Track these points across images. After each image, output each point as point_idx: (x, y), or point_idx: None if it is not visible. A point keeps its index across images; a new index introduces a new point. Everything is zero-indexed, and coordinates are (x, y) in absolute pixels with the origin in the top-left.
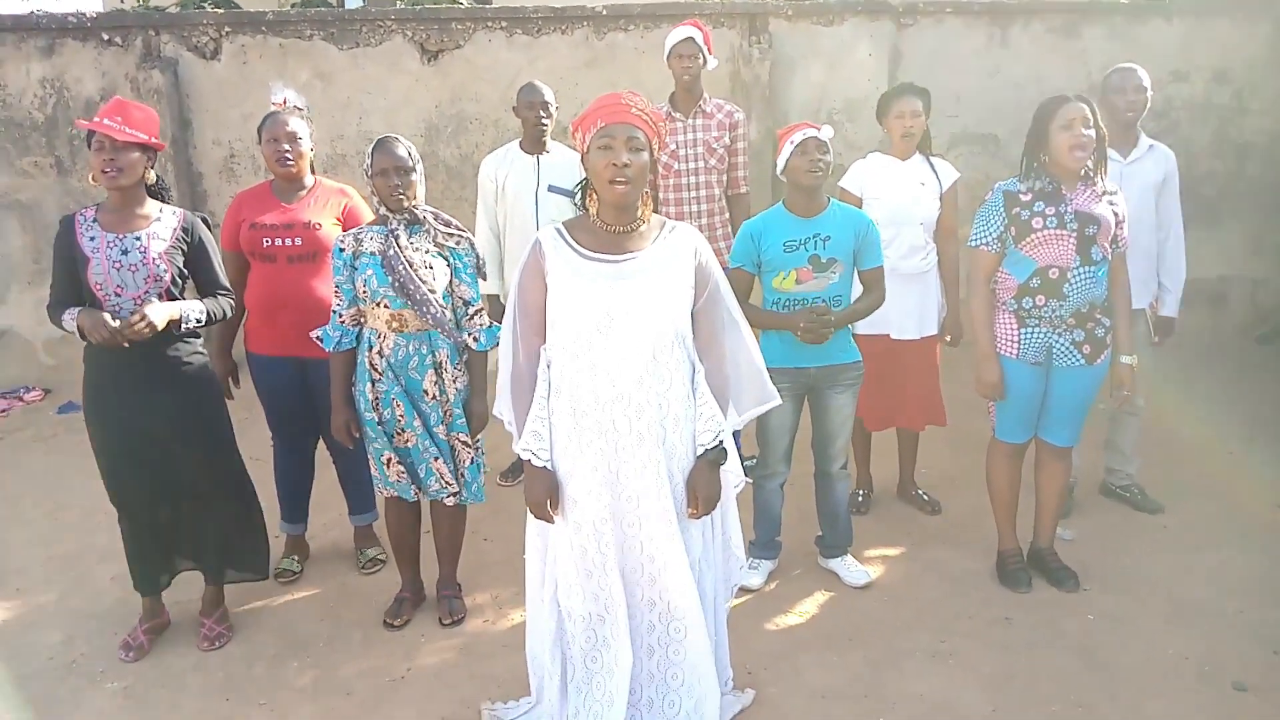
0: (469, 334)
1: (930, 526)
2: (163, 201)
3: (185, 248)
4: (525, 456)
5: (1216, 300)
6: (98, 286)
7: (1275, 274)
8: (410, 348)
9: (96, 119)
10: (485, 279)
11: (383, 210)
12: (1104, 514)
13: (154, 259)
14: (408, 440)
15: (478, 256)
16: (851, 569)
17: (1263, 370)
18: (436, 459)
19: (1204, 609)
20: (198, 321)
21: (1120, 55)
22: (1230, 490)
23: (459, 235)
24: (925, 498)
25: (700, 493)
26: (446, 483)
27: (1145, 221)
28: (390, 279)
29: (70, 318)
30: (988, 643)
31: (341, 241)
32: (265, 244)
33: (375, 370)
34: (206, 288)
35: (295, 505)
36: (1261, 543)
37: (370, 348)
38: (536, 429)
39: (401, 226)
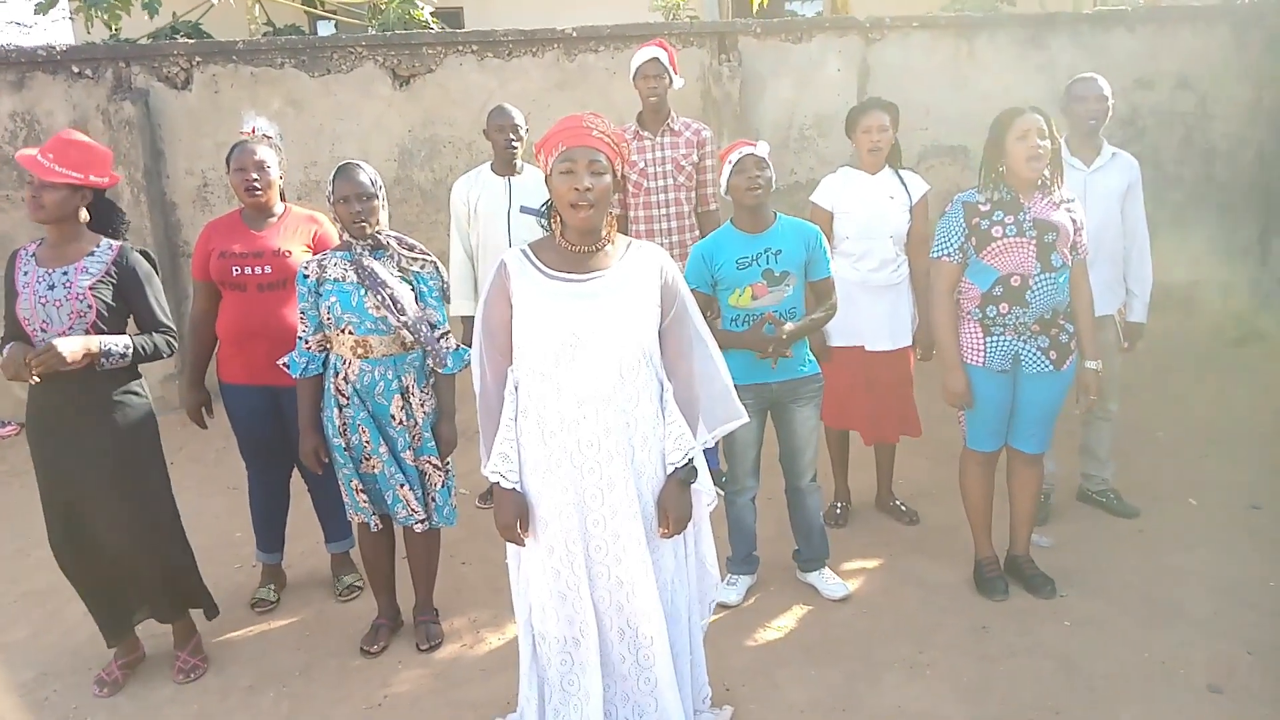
0: (442, 353)
1: (908, 537)
2: (114, 235)
3: (114, 282)
4: (494, 479)
5: (1187, 304)
6: (25, 321)
7: (1245, 277)
8: (376, 373)
9: (33, 153)
10: (450, 301)
11: (346, 236)
12: (1081, 520)
13: (78, 293)
14: (374, 466)
15: (442, 279)
16: (829, 582)
17: (1235, 373)
18: (403, 485)
19: (1180, 612)
20: (121, 357)
21: (1085, 64)
22: (1205, 492)
23: (423, 259)
24: (903, 509)
25: (671, 512)
26: (413, 510)
27: (1111, 228)
28: (373, 301)
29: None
30: (965, 652)
31: (305, 267)
32: (235, 273)
33: (342, 395)
34: (144, 324)
35: (271, 534)
36: (1236, 544)
37: (336, 373)
38: (504, 450)
39: (366, 252)
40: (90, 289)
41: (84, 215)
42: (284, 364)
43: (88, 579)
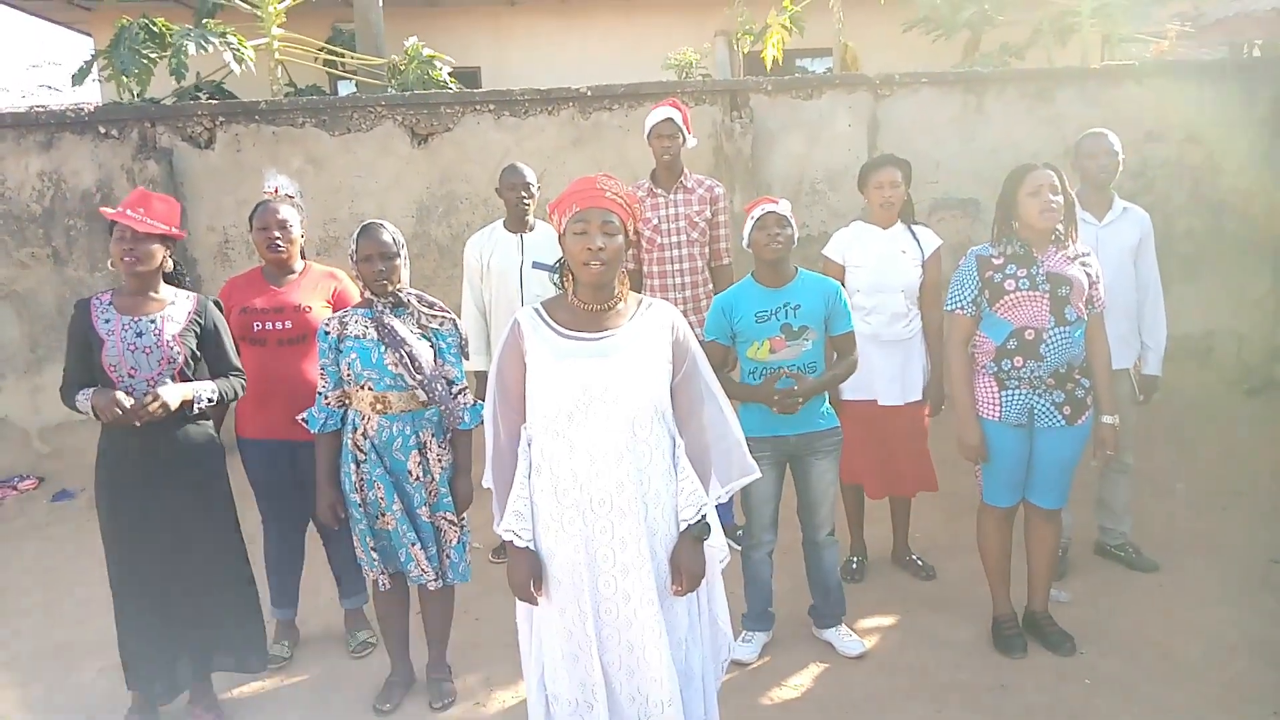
0: (457, 412)
1: (925, 593)
2: (180, 286)
3: (198, 330)
4: (507, 537)
5: (1202, 355)
6: (111, 368)
7: (1259, 328)
8: (394, 429)
9: (120, 209)
10: (468, 358)
11: (368, 294)
12: (1099, 574)
13: (168, 341)
14: (388, 523)
15: (461, 336)
16: (845, 639)
17: (1252, 423)
18: (414, 545)
19: (1202, 670)
20: (209, 401)
21: (1094, 118)
22: (1225, 546)
23: (442, 316)
24: (920, 563)
25: (684, 569)
26: (423, 569)
27: (1124, 282)
28: (392, 358)
29: (84, 398)
30: (984, 711)
31: (327, 324)
32: (256, 328)
33: (360, 451)
34: (218, 369)
35: (285, 589)
36: (1258, 600)
37: (355, 429)
38: (518, 509)
39: (387, 310)
40: (178, 336)
41: (169, 264)
42: (303, 419)
43: (151, 605)
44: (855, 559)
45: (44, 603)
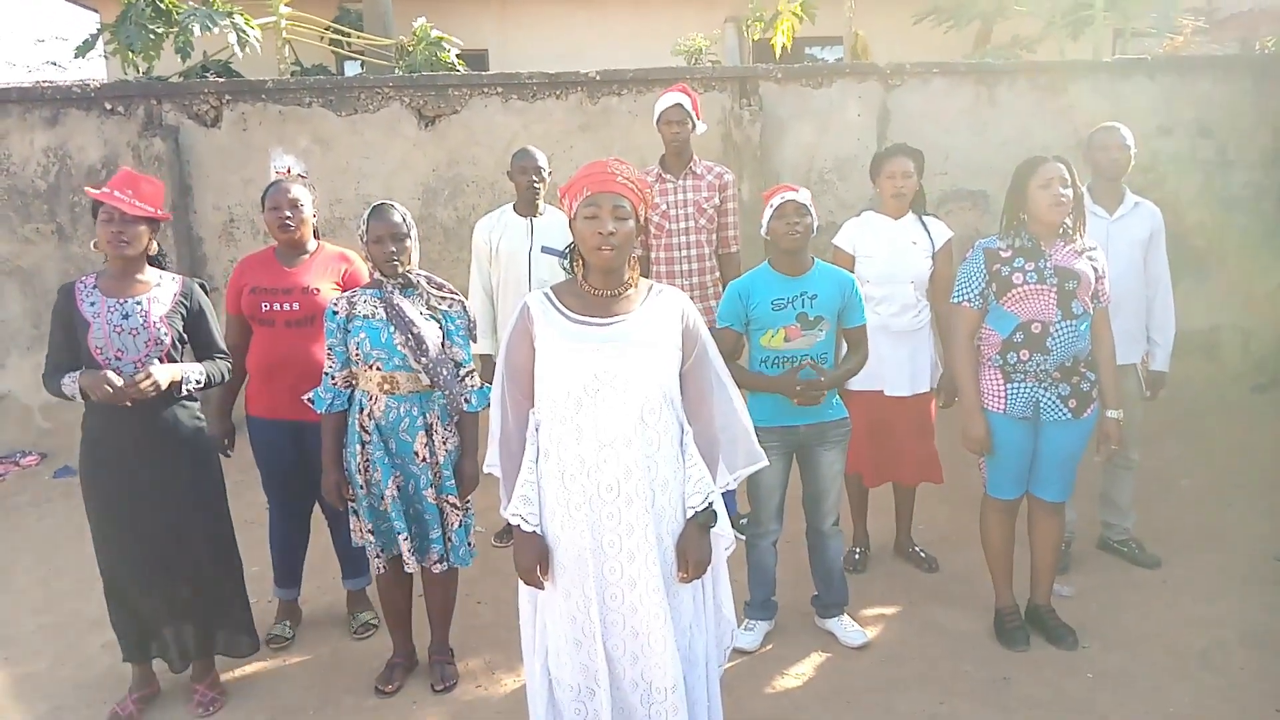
0: (461, 395)
1: (927, 584)
2: (161, 268)
3: (184, 312)
4: (514, 521)
5: (1209, 351)
6: (98, 350)
7: (1266, 324)
8: (401, 409)
9: (106, 190)
10: (476, 341)
11: (377, 275)
12: (1102, 569)
13: (155, 322)
14: (385, 506)
15: (469, 319)
16: (848, 629)
17: (1258, 420)
18: (402, 535)
19: (1205, 665)
20: (197, 384)
21: (1105, 111)
22: (1228, 542)
23: (451, 298)
24: (922, 555)
25: (690, 556)
26: (406, 561)
27: (1133, 277)
28: (400, 339)
29: (71, 380)
30: (986, 704)
31: (335, 304)
32: (264, 308)
33: (365, 432)
34: (204, 351)
35: (289, 569)
36: (1261, 595)
37: (361, 410)
38: (525, 493)
39: (396, 291)
40: (164, 318)
41: (155, 247)
42: (308, 399)
43: (137, 585)
44: (858, 550)
45: (46, 578)
